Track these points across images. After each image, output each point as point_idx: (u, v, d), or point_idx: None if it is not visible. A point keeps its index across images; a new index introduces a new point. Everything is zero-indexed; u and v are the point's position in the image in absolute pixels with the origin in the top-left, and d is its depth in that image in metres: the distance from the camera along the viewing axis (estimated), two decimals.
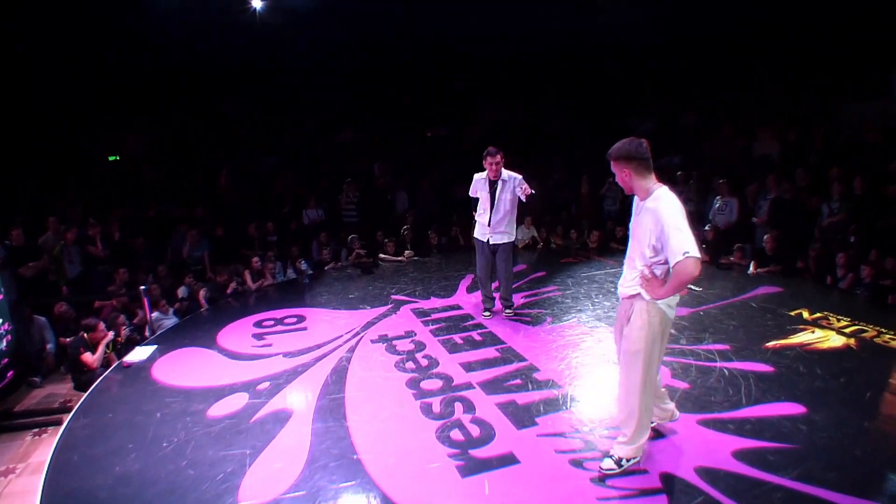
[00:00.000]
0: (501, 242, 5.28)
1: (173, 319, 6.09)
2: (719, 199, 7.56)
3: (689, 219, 2.62)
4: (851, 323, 5.08)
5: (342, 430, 3.56)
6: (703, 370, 4.18)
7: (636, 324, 2.69)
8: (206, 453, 3.40)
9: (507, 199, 5.13)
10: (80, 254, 6.31)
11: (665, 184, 2.69)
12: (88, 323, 4.80)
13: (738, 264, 6.95)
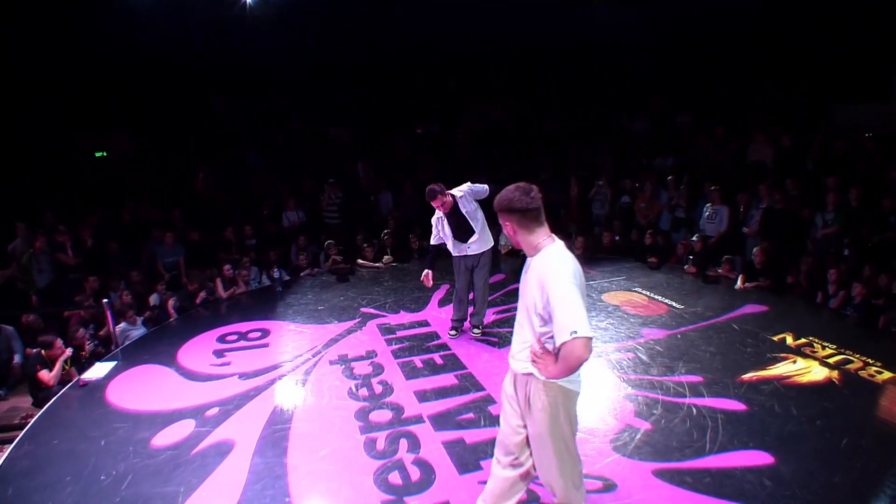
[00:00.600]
0: (482, 251, 5.15)
1: (141, 330, 6.10)
2: (709, 207, 7.37)
3: (678, 225, 2.40)
4: (837, 351, 4.89)
5: (280, 467, 3.53)
6: (670, 407, 4.04)
7: (535, 406, 2.31)
8: (140, 489, 3.39)
9: (474, 208, 5.04)
10: (50, 262, 6.32)
11: (656, 186, 2.43)
12: (45, 340, 4.83)
13: (726, 277, 6.76)
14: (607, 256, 8.05)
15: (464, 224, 5.01)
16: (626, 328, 5.49)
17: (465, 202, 5.03)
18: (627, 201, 8.71)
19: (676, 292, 6.47)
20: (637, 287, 6.66)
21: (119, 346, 5.62)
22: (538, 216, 2.22)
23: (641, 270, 7.38)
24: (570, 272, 2.13)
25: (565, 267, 2.14)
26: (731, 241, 7.11)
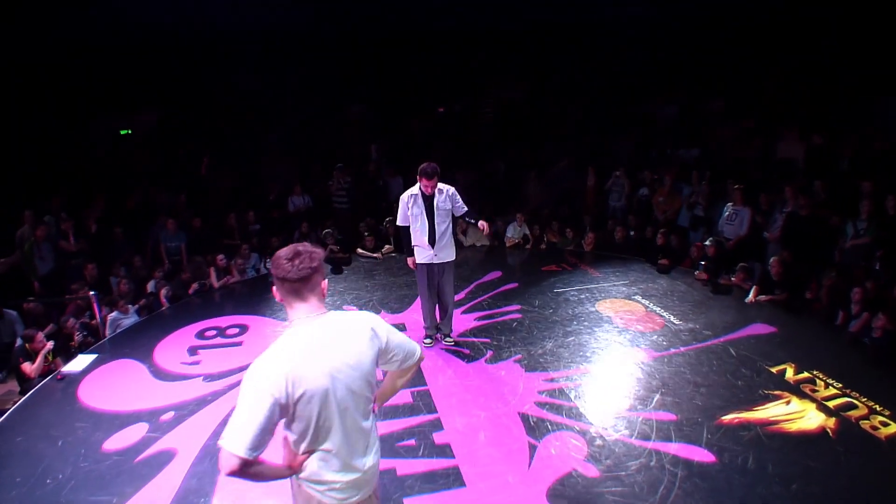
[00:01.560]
0: (449, 261, 5.07)
1: (133, 319, 6.38)
2: (730, 207, 6.82)
3: (697, 224, 2.15)
4: (842, 392, 4.37)
5: (211, 484, 3.63)
6: (629, 451, 3.73)
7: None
8: (78, 496, 3.59)
9: (446, 210, 4.94)
10: (52, 249, 6.68)
11: (678, 181, 2.14)
12: (27, 333, 5.13)
13: (739, 287, 6.28)
14: (616, 255, 7.69)
15: (431, 217, 4.87)
16: (611, 346, 5.21)
17: (443, 200, 4.89)
18: (646, 194, 8.24)
19: (679, 303, 6.09)
20: (637, 295, 6.32)
21: (107, 337, 5.92)
22: (299, 290, 1.81)
23: (648, 274, 7.00)
24: (266, 377, 1.70)
25: (267, 366, 1.73)
26: (750, 247, 6.57)
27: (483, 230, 4.87)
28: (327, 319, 1.86)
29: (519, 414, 4.19)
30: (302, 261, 1.80)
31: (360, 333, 1.88)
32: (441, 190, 4.91)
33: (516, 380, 4.67)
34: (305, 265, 1.80)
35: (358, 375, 1.84)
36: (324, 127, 11.69)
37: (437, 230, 4.89)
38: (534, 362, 4.95)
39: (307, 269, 1.80)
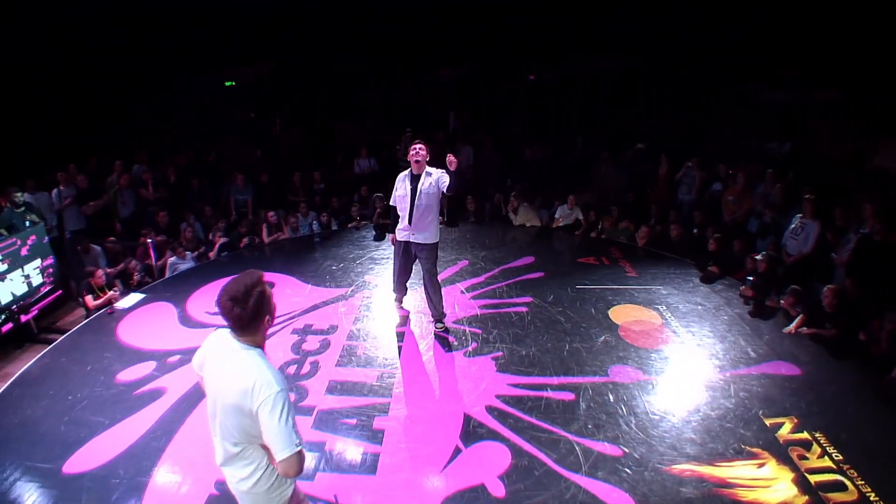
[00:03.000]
0: (425, 243, 5.19)
1: (189, 264, 7.38)
2: (798, 219, 6.01)
3: (766, 231, 2.23)
4: (837, 467, 3.74)
5: (179, 423, 4.28)
6: (549, 479, 3.60)
7: None
8: (84, 415, 4.45)
9: (430, 193, 5.01)
10: (134, 196, 7.87)
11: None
12: (90, 269, 6.21)
13: (786, 312, 5.61)
14: (667, 254, 7.15)
15: (413, 198, 5.00)
16: (595, 361, 5.01)
17: (429, 184, 5.00)
18: (718, 190, 7.47)
19: (704, 321, 5.59)
20: (662, 305, 5.91)
21: (161, 279, 6.95)
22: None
23: (689, 281, 6.45)
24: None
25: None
26: (813, 268, 5.77)
27: (450, 164, 4.74)
28: (238, 356, 2.23)
29: (465, 414, 4.30)
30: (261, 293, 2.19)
31: (240, 387, 2.15)
32: (430, 173, 5.01)
33: (482, 379, 4.74)
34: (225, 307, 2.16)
35: (228, 410, 2.19)
36: (408, 90, 11.94)
37: (415, 212, 5.01)
38: (509, 363, 4.95)
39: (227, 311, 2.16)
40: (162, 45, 10.56)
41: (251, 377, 2.11)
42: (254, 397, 2.08)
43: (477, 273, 6.85)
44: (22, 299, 5.81)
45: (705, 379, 4.71)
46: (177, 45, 10.70)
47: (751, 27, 8.80)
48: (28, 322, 5.85)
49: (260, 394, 2.08)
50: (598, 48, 11.16)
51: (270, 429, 2.06)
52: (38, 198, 7.05)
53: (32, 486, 3.71)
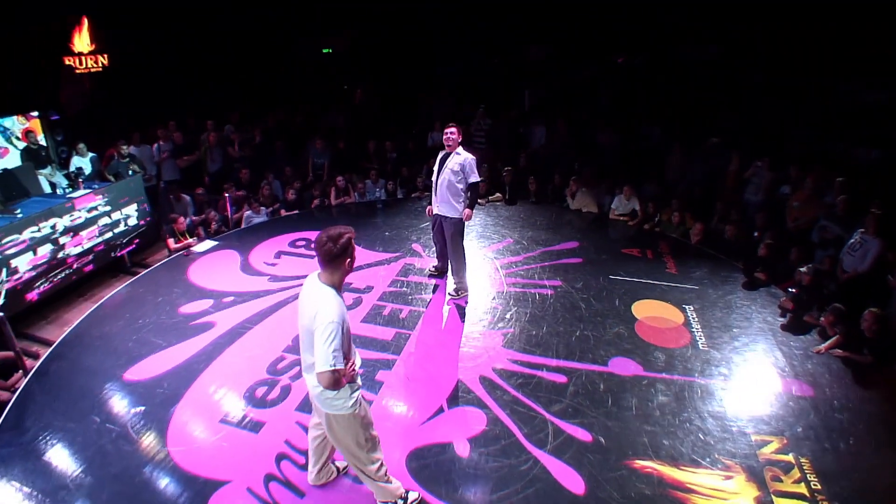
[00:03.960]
0: (446, 215, 5.66)
1: (262, 218, 8.34)
2: (859, 234, 5.62)
3: (827, 243, 2.44)
4: (812, 496, 3.55)
5: (218, 353, 5.10)
6: (512, 450, 3.91)
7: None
8: (147, 336, 5.43)
9: (455, 171, 5.44)
10: (222, 153, 8.94)
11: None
12: (173, 216, 7.27)
13: (824, 331, 5.32)
14: (717, 255, 6.93)
15: (439, 175, 5.49)
16: (602, 350, 5.13)
17: (455, 163, 5.39)
18: (787, 193, 7.07)
19: (730, 328, 5.42)
20: (692, 305, 5.83)
21: (235, 229, 7.94)
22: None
23: (724, 285, 6.23)
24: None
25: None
26: (868, 288, 5.41)
27: (466, 218, 5.48)
28: (320, 290, 2.80)
29: (458, 380, 4.71)
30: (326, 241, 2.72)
31: (313, 310, 2.74)
32: (458, 153, 5.41)
33: (486, 351, 5.10)
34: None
35: (303, 329, 2.87)
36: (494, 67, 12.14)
37: (440, 187, 5.48)
38: (516, 340, 5.24)
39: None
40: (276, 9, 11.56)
41: (317, 307, 2.71)
42: (315, 322, 2.69)
43: (517, 252, 7.11)
44: (120, 237, 6.97)
45: (705, 384, 4.66)
46: (288, 9, 11.63)
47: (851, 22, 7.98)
48: (123, 256, 7.00)
49: (319, 320, 2.67)
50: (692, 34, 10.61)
51: (317, 348, 2.66)
52: (142, 150, 8.26)
53: (101, 383, 4.70)
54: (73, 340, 5.41)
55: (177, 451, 3.98)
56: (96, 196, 6.65)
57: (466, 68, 12.38)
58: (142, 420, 4.29)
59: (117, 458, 3.93)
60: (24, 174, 6.86)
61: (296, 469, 3.81)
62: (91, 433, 4.17)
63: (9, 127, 7.74)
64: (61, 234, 6.16)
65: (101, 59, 9.66)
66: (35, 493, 3.64)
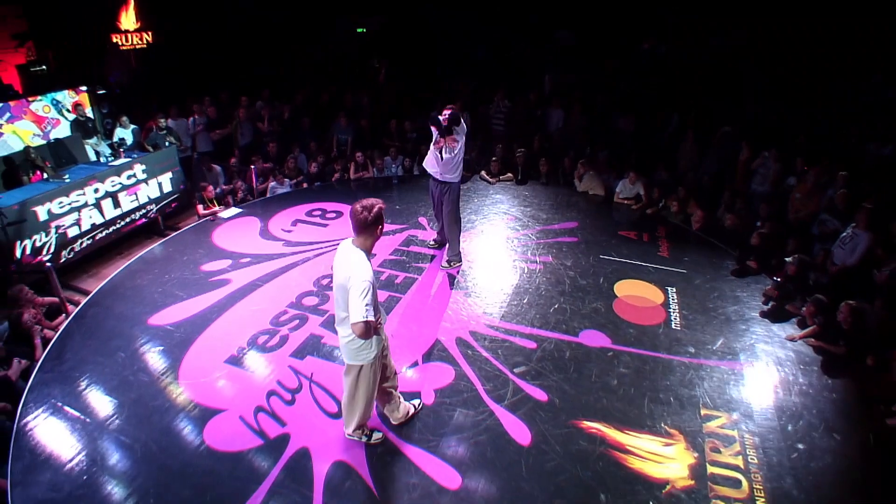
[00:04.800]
0: (449, 181, 6.14)
1: (286, 189, 9.03)
2: (851, 228, 5.79)
3: (826, 237, 2.72)
4: (746, 468, 3.86)
5: (231, 305, 5.80)
6: (472, 401, 4.44)
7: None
8: (172, 289, 6.19)
9: (451, 147, 5.96)
10: (251, 127, 9.67)
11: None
12: (202, 185, 8.03)
13: (804, 320, 5.49)
14: (715, 242, 7.12)
15: (442, 150, 5.98)
16: (575, 322, 5.55)
17: (458, 135, 5.89)
18: (792, 185, 7.20)
19: (706, 311, 5.69)
20: (674, 287, 6.12)
21: (259, 199, 8.67)
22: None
23: (713, 271, 6.44)
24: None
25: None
26: (855, 282, 5.54)
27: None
28: (353, 254, 3.30)
29: (437, 339, 5.24)
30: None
31: (346, 273, 3.25)
32: (457, 127, 5.88)
33: (468, 316, 5.60)
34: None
35: (337, 288, 3.39)
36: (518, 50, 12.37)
37: (441, 158, 6.00)
38: (497, 308, 5.73)
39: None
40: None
41: (351, 267, 3.22)
42: (349, 280, 3.19)
43: (516, 229, 7.54)
44: (155, 201, 7.77)
45: (668, 360, 4.97)
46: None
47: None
48: (157, 219, 7.81)
49: (353, 279, 3.17)
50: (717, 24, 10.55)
51: (351, 302, 3.17)
52: (178, 124, 9.04)
53: (128, 326, 5.48)
54: (108, 290, 6.22)
55: (185, 384, 4.68)
56: (136, 164, 7.43)
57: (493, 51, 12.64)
58: (159, 357, 5.01)
59: (136, 386, 4.67)
60: (73, 143, 7.75)
61: (282, 403, 4.44)
62: (117, 366, 4.93)
63: (61, 100, 8.65)
64: (103, 197, 6.98)
65: (145, 36, 10.50)
66: (70, 410, 4.42)
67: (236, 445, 4.06)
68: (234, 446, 4.05)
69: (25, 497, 3.67)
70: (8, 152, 7.56)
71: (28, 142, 7.91)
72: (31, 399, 4.56)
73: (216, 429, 4.21)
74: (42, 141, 8.10)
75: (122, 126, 8.46)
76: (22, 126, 8.23)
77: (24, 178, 7.05)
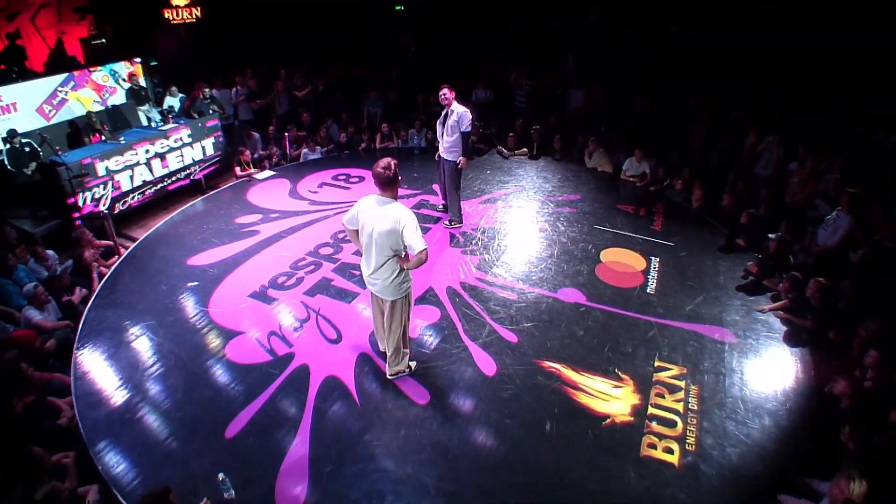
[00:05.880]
0: (447, 158, 6.87)
1: (317, 155, 9.93)
2: (836, 211, 6.19)
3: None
4: (685, 412, 4.45)
5: (256, 252, 6.74)
6: (448, 336, 5.24)
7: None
8: (208, 237, 7.17)
9: (451, 126, 6.64)
10: (288, 98, 10.59)
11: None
12: (240, 149, 9.00)
13: (778, 296, 5.84)
14: (708, 220, 7.51)
15: (443, 127, 6.73)
16: (557, 280, 6.17)
17: (454, 118, 6.55)
18: (793, 170, 7.55)
19: (682, 280, 6.15)
20: (656, 258, 6.55)
21: (291, 164, 9.61)
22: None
23: (701, 246, 6.84)
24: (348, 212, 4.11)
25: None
26: (835, 264, 5.82)
27: (461, 165, 6.65)
28: (389, 205, 3.91)
29: (430, 287, 6.00)
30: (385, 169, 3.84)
31: (392, 218, 3.85)
32: (454, 110, 6.54)
33: (461, 269, 6.34)
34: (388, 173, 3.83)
35: (380, 233, 3.90)
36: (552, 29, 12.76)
37: (444, 135, 6.72)
38: (488, 264, 6.43)
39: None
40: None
41: (398, 214, 3.84)
42: (401, 223, 3.82)
43: (519, 198, 8.19)
44: (198, 163, 8.79)
45: (635, 318, 5.54)
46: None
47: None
48: (199, 179, 8.84)
49: (403, 219, 3.83)
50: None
51: (411, 237, 3.79)
52: (222, 94, 10.01)
53: (170, 266, 6.49)
54: (154, 237, 7.26)
55: (214, 311, 5.63)
56: (182, 129, 8.44)
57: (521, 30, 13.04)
58: (194, 290, 5.99)
59: (174, 311, 5.65)
60: (128, 110, 8.85)
61: (291, 330, 5.32)
62: (159, 295, 5.93)
63: (117, 71, 9.74)
64: (153, 158, 8.00)
65: (194, 11, 11.53)
66: (119, 327, 5.44)
67: (251, 359, 4.97)
68: (249, 360, 4.97)
69: (84, 388, 4.68)
70: (72, 116, 8.68)
71: (89, 107, 9.00)
72: (89, 319, 5.58)
73: (235, 346, 5.13)
74: (101, 107, 9.19)
75: (171, 95, 9.49)
76: (84, 93, 9.36)
77: (85, 140, 8.14)
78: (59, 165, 6.90)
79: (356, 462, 3.98)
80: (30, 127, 7.94)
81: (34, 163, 7.45)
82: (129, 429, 4.27)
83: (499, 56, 12.17)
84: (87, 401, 4.54)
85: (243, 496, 3.72)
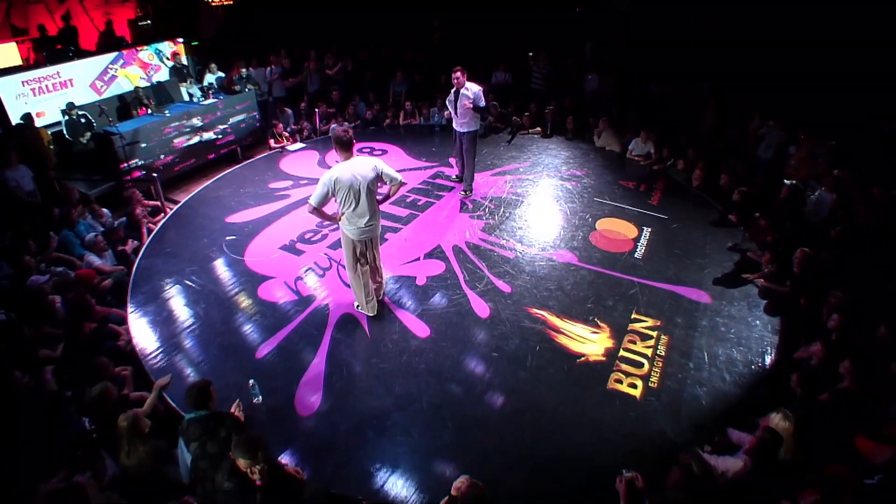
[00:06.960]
0: (465, 131, 7.59)
1: None
2: (820, 190, 6.68)
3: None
4: (653, 357, 5.25)
5: (281, 216, 7.62)
6: (450, 285, 5.98)
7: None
8: (244, 199, 8.07)
9: (463, 104, 7.30)
10: (319, 77, 11.43)
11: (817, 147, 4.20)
12: (273, 123, 9.89)
13: (760, 266, 6.26)
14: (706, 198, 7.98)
15: (456, 104, 7.40)
16: (552, 242, 6.85)
17: (466, 96, 7.26)
18: (793, 153, 8.01)
19: (670, 248, 6.69)
20: (648, 227, 7.11)
21: (320, 137, 10.47)
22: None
23: (694, 219, 7.35)
24: (326, 177, 4.67)
25: (334, 172, 4.64)
26: (816, 238, 6.17)
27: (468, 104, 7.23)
28: (355, 160, 4.73)
29: (438, 244, 6.77)
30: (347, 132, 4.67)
31: (369, 166, 4.73)
32: (468, 89, 7.21)
33: (467, 231, 7.08)
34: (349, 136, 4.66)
35: (368, 182, 4.72)
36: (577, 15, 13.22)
37: (458, 111, 7.41)
38: (492, 227, 7.14)
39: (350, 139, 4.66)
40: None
41: (369, 161, 4.74)
42: (377, 166, 4.75)
43: (527, 172, 8.86)
44: (235, 134, 9.71)
45: (620, 278, 6.16)
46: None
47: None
48: (236, 149, 9.76)
49: (378, 164, 4.77)
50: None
51: (390, 173, 4.82)
52: (257, 72, 10.85)
53: (211, 222, 7.40)
54: (196, 198, 8.20)
55: (249, 260, 6.52)
56: (221, 104, 9.35)
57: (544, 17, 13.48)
58: (232, 243, 6.90)
59: (214, 259, 6.56)
60: (171, 86, 9.80)
61: (315, 277, 6.17)
62: (201, 247, 6.85)
63: (162, 50, 10.69)
64: (194, 130, 8.93)
65: None
66: (167, 271, 6.36)
67: (279, 299, 5.84)
68: (277, 299, 5.83)
69: (139, 322, 5.58)
70: (121, 91, 9.68)
71: (136, 83, 9.95)
72: (141, 266, 6.49)
73: (266, 288, 6.01)
74: (147, 83, 10.14)
75: (210, 72, 10.41)
76: (132, 71, 10.34)
77: (133, 112, 9.10)
78: (113, 135, 7.83)
79: (363, 379, 4.80)
80: (84, 101, 8.92)
81: (89, 132, 8.40)
82: (176, 350, 5.17)
83: (523, 40, 12.69)
84: (141, 328, 5.45)
85: (268, 402, 4.56)
